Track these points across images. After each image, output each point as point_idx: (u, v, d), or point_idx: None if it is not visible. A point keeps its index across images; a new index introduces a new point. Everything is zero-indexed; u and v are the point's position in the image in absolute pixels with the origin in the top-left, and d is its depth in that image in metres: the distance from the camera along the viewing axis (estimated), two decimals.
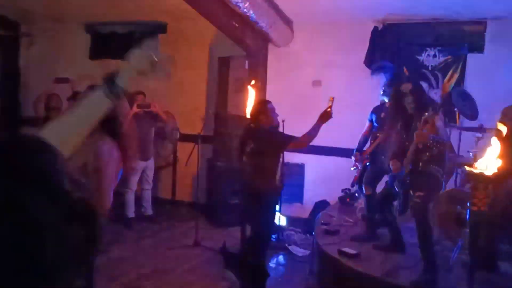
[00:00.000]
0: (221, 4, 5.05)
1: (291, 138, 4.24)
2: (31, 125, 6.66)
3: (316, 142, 6.17)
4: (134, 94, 5.56)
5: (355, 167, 5.35)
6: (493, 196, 3.63)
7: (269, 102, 4.61)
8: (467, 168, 1.98)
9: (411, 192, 4.22)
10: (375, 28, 5.90)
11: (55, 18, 7.35)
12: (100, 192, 2.54)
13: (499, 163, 2.05)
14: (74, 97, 5.15)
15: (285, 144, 4.24)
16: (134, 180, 5.61)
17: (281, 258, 4.97)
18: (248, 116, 3.98)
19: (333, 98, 4.18)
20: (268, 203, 4.07)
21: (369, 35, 5.93)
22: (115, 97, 1.31)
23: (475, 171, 1.93)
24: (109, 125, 2.63)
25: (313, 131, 4.23)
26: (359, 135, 5.44)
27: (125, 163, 2.68)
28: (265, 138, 4.16)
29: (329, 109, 4.21)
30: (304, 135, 4.21)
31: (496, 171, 1.92)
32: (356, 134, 5.46)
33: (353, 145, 5.30)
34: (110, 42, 7.31)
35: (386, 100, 5.04)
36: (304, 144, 4.30)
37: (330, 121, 5.98)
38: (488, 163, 1.94)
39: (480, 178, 1.93)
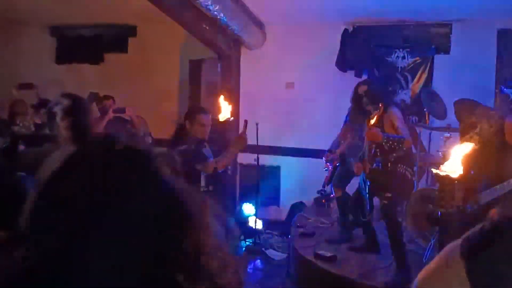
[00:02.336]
0: (190, 7, 5.02)
1: (200, 162, 3.69)
2: None
3: (291, 144, 6.25)
4: (103, 99, 5.46)
5: (326, 168, 5.40)
6: (463, 195, 3.71)
7: (204, 111, 4.02)
8: (434, 170, 2.01)
9: (378, 193, 4.29)
10: (346, 30, 5.97)
11: (17, 21, 7.19)
12: None
13: (465, 163, 2.09)
14: (42, 105, 5.02)
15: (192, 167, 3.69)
16: None
17: (258, 262, 4.97)
18: (220, 120, 3.91)
19: (247, 121, 3.73)
20: None
21: (340, 37, 5.99)
22: None
23: (441, 173, 1.96)
24: (80, 135, 2.58)
25: (225, 160, 3.79)
26: (332, 136, 5.48)
27: None
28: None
29: (243, 135, 3.73)
30: (215, 161, 3.72)
31: (462, 173, 1.95)
32: (329, 135, 5.50)
33: (327, 146, 5.34)
34: (77, 46, 7.25)
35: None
36: (211, 170, 3.74)
37: (304, 122, 6.07)
38: (455, 165, 1.97)
39: (446, 180, 1.96)
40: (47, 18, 6.97)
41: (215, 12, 5.06)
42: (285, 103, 6.26)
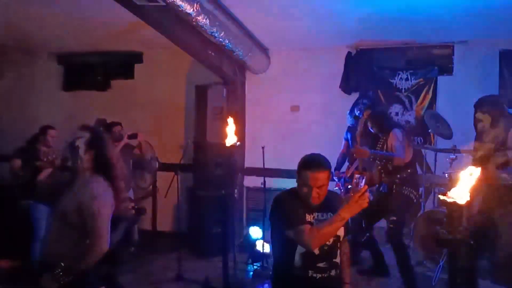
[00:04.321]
0: (196, 33, 5.09)
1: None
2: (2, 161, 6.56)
3: (297, 166, 6.26)
4: (111, 126, 5.53)
5: (337, 187, 5.44)
6: (468, 215, 3.71)
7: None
8: (441, 196, 2.03)
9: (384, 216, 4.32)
10: (349, 53, 6.04)
11: (25, 49, 7.31)
12: (96, 234, 2.49)
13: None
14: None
15: None
16: None
17: (266, 286, 4.94)
18: (227, 144, 3.95)
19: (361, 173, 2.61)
20: None
21: (343, 60, 6.06)
22: None
23: (449, 200, 1.98)
24: (102, 166, 2.64)
25: (327, 227, 2.40)
26: (336, 156, 5.56)
27: (118, 204, 2.65)
28: None
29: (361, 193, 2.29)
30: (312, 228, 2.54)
31: (469, 199, 1.97)
32: (335, 156, 5.55)
33: (332, 165, 5.37)
34: (84, 73, 7.38)
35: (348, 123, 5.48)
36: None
37: (309, 144, 6.10)
38: (462, 191, 1.99)
39: (454, 207, 1.98)
40: (55, 46, 7.09)
41: (220, 39, 5.13)
42: (290, 126, 6.31)
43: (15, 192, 2.80)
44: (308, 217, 2.50)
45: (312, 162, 2.53)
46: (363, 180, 2.30)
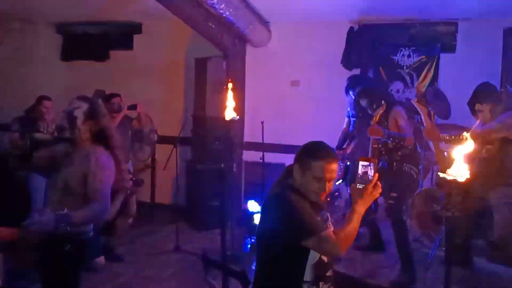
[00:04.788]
0: (196, 4, 5.03)
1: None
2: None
3: (296, 141, 6.24)
4: (110, 97, 5.48)
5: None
6: (465, 196, 3.74)
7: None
8: (440, 174, 2.02)
9: (383, 192, 4.31)
10: (351, 28, 5.97)
11: (23, 18, 7.21)
12: (101, 200, 2.53)
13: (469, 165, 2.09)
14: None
15: None
16: None
17: None
18: (226, 118, 3.92)
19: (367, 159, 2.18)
20: None
21: (345, 35, 5.98)
22: None
23: (448, 177, 1.97)
24: (100, 136, 2.66)
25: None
26: (337, 133, 5.53)
27: (117, 175, 2.67)
28: None
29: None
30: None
31: (468, 176, 1.97)
32: (335, 133, 5.53)
33: (332, 143, 5.36)
34: (83, 43, 7.30)
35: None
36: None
37: (309, 120, 6.08)
38: (461, 168, 1.99)
39: (453, 185, 1.97)
40: (53, 15, 6.99)
41: (221, 11, 5.07)
42: (290, 101, 6.27)
43: (12, 162, 2.79)
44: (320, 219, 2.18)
45: (325, 151, 2.16)
46: (372, 168, 2.09)
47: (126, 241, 5.22)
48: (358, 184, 2.12)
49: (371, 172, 2.10)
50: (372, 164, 2.11)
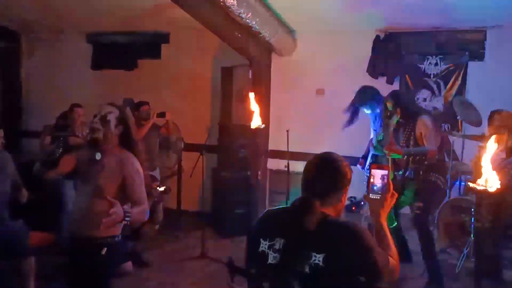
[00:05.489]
0: (223, 14, 5.09)
1: None
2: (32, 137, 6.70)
3: (321, 150, 6.22)
4: (139, 105, 5.59)
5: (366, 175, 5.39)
6: (496, 207, 3.68)
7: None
8: (470, 184, 2.01)
9: (413, 202, 4.27)
10: (377, 37, 5.95)
11: (56, 28, 7.42)
12: (143, 203, 2.63)
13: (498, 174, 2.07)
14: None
15: None
16: None
17: None
18: (252, 127, 3.94)
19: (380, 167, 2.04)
20: None
21: (371, 44, 5.97)
22: None
23: (478, 187, 1.96)
24: (127, 142, 2.74)
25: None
26: (363, 142, 5.49)
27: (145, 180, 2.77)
28: None
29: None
30: None
31: (499, 187, 1.95)
32: (359, 141, 5.50)
33: (357, 153, 5.35)
34: (112, 52, 7.46)
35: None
36: None
37: (334, 129, 6.06)
38: (492, 178, 1.97)
39: (484, 195, 1.95)
40: (84, 25, 7.18)
41: (247, 20, 5.12)
42: (315, 109, 6.28)
43: (36, 167, 2.87)
44: None
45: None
46: (386, 176, 1.93)
47: (153, 247, 5.28)
48: (371, 194, 1.94)
49: (385, 180, 1.95)
50: (385, 171, 1.95)
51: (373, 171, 1.98)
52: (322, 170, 1.81)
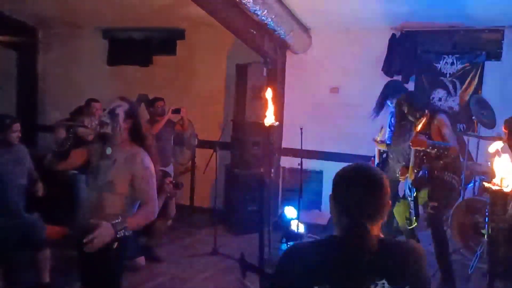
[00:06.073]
0: (239, 11, 5.10)
1: None
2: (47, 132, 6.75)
3: (334, 148, 6.25)
4: (154, 100, 5.63)
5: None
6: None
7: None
8: (486, 184, 1.99)
9: (427, 201, 4.23)
10: (393, 35, 5.91)
11: (72, 23, 7.49)
12: (152, 199, 2.64)
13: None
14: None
15: None
16: None
17: None
18: (266, 124, 3.94)
19: None
20: None
21: (387, 42, 5.93)
22: None
23: (494, 187, 1.94)
24: (137, 136, 2.75)
25: None
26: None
27: (156, 175, 2.77)
28: None
29: None
30: None
31: None
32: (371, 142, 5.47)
33: (371, 152, 5.32)
34: (127, 48, 7.51)
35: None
36: None
37: (348, 127, 6.03)
38: (508, 178, 1.96)
39: (499, 195, 1.94)
40: (100, 21, 7.24)
41: (263, 17, 5.13)
42: (329, 107, 6.27)
43: (47, 159, 2.91)
44: None
45: None
46: None
47: (165, 242, 5.33)
48: None
49: None
50: None
51: None
52: (370, 190, 1.57)
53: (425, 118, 4.08)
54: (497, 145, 1.99)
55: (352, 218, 1.53)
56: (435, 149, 4.06)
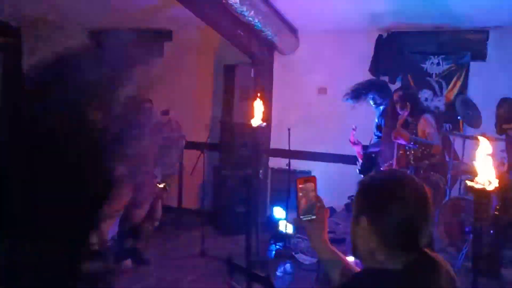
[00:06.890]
0: (225, 12, 5.10)
1: None
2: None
3: (322, 149, 6.27)
4: (142, 102, 5.59)
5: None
6: (501, 203, 3.68)
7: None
8: (469, 183, 2.01)
9: None
10: (380, 36, 5.95)
11: (58, 24, 7.42)
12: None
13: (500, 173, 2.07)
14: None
15: None
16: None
17: (287, 266, 5.00)
18: (253, 125, 3.94)
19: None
20: None
21: (374, 43, 5.97)
22: None
23: (477, 186, 1.96)
24: None
25: None
26: (365, 142, 5.49)
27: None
28: None
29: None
30: None
31: (497, 185, 1.95)
32: (362, 141, 5.50)
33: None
34: None
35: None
36: None
37: (336, 127, 6.06)
38: (490, 177, 1.97)
39: (483, 193, 1.96)
40: (86, 22, 7.19)
41: (250, 18, 5.12)
42: (317, 108, 6.28)
43: None
44: None
45: None
46: (314, 190, 1.63)
47: (153, 245, 5.29)
48: (303, 216, 1.59)
49: (313, 193, 1.60)
50: (312, 184, 1.60)
51: (300, 187, 1.57)
52: (429, 211, 1.33)
53: (407, 110, 4.14)
54: (486, 149, 2.00)
55: (413, 248, 1.26)
56: (417, 145, 4.11)
